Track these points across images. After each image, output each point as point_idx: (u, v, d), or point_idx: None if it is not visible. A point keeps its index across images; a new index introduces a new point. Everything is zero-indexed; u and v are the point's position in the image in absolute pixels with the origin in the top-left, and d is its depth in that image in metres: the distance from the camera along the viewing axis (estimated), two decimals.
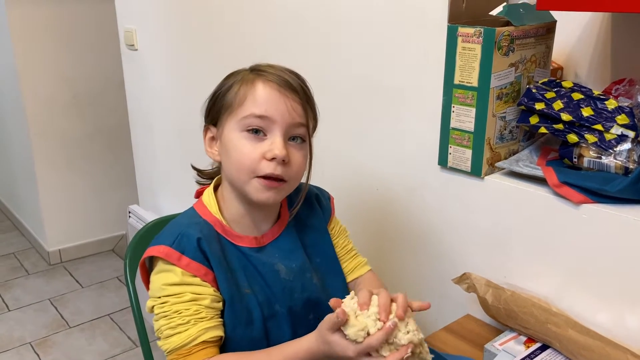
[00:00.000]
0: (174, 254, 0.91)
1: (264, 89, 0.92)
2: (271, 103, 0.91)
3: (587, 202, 0.98)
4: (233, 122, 0.93)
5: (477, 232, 1.19)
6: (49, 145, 3.03)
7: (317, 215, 1.09)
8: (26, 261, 3.20)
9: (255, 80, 0.93)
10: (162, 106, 2.24)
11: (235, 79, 0.95)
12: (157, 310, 0.92)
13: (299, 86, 0.94)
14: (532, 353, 1.01)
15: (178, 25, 2.02)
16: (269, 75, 0.93)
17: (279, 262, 0.99)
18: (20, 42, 2.85)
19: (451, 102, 1.13)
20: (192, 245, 0.91)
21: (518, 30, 1.06)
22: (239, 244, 0.97)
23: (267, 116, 0.91)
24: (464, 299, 1.23)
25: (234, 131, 0.93)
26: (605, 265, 0.98)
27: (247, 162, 0.91)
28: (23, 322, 2.62)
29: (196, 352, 0.89)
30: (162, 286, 0.91)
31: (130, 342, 2.48)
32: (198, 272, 0.91)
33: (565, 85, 1.08)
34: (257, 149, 0.91)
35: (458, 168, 1.17)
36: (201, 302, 0.90)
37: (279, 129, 0.91)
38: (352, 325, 0.80)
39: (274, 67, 0.96)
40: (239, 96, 0.92)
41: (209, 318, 0.90)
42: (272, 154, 0.90)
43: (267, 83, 0.92)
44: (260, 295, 0.96)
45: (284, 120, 0.91)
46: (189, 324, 0.89)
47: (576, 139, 1.02)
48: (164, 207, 2.40)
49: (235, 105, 0.93)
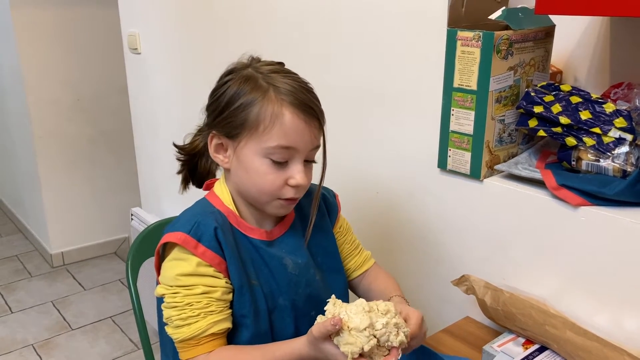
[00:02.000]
0: (191, 242, 0.92)
1: (292, 120, 0.91)
2: (298, 134, 0.92)
3: (585, 204, 0.98)
4: (256, 146, 0.92)
5: (476, 235, 1.20)
6: (53, 148, 3.05)
7: (322, 214, 1.10)
8: (29, 264, 3.21)
9: (282, 107, 0.91)
10: (165, 109, 2.25)
11: (255, 96, 0.92)
12: (168, 299, 0.93)
13: (318, 110, 0.95)
14: (530, 354, 1.01)
15: (181, 29, 2.03)
16: (296, 104, 0.91)
17: (287, 256, 1.02)
18: (25, 46, 2.87)
19: (450, 105, 1.14)
20: (209, 234, 0.93)
21: (517, 34, 1.07)
22: (251, 236, 1.00)
23: (294, 147, 0.92)
24: (463, 301, 1.24)
25: (256, 155, 0.93)
26: (603, 267, 0.98)
27: (270, 187, 0.94)
28: (26, 324, 2.63)
29: (204, 343, 0.92)
30: (175, 276, 0.92)
31: (132, 345, 2.49)
32: (213, 261, 0.93)
33: (564, 88, 1.08)
34: (280, 177, 0.93)
35: (457, 171, 1.18)
36: (212, 294, 0.92)
37: (301, 157, 0.94)
38: (347, 343, 0.80)
39: (292, 84, 0.93)
40: (265, 122, 0.91)
41: (218, 311, 0.93)
42: (296, 182, 0.93)
43: (295, 113, 0.91)
44: (266, 287, 0.98)
45: (306, 148, 0.94)
46: (199, 317, 0.91)
47: (574, 142, 1.02)
48: (167, 210, 2.41)
49: (260, 130, 0.91)
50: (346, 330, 0.80)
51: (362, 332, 0.80)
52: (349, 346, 0.80)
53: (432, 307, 1.35)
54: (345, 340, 0.80)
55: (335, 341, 0.81)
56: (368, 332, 0.80)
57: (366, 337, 0.80)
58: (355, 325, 0.80)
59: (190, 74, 2.05)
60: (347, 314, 0.82)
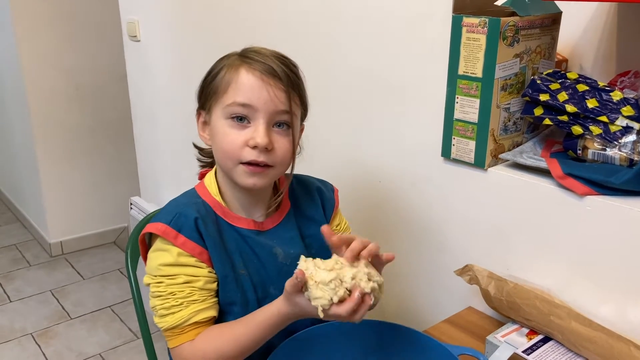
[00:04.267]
0: (171, 232, 0.93)
1: (246, 77, 0.92)
2: (254, 91, 0.92)
3: (591, 194, 0.97)
4: (219, 109, 0.94)
5: (480, 224, 1.19)
6: (51, 137, 3.03)
7: (317, 207, 1.09)
8: (28, 253, 3.20)
9: (239, 68, 0.93)
10: (165, 98, 2.23)
11: (224, 63, 0.96)
12: (152, 289, 0.94)
13: (282, 73, 0.93)
14: (534, 345, 1.01)
15: (181, 17, 2.01)
16: (254, 63, 0.93)
17: (277, 246, 1.01)
18: (23, 34, 2.84)
19: (455, 93, 1.12)
20: (189, 225, 0.93)
21: (523, 20, 1.05)
22: (238, 225, 0.99)
23: (250, 104, 0.92)
24: (466, 291, 1.23)
25: (220, 118, 0.94)
26: (609, 257, 0.97)
27: (231, 149, 0.93)
28: (24, 313, 2.63)
29: (188, 331, 0.93)
30: (158, 266, 0.93)
31: (131, 334, 2.49)
32: (193, 251, 0.93)
33: (570, 76, 1.07)
34: (240, 137, 0.93)
35: (461, 160, 1.16)
36: (194, 284, 0.93)
37: (262, 117, 0.93)
38: (315, 297, 0.82)
39: (262, 53, 0.95)
40: (223, 82, 0.94)
41: (201, 300, 0.93)
42: (254, 142, 0.92)
43: (250, 71, 0.92)
44: (255, 276, 0.99)
45: (267, 108, 0.92)
46: (181, 306, 0.92)
47: (581, 130, 1.01)
48: (166, 198, 2.38)
49: (220, 92, 0.94)
50: (313, 284, 0.82)
51: (328, 285, 0.81)
52: (317, 300, 0.82)
53: (434, 297, 1.34)
54: (314, 295, 0.82)
55: (306, 296, 0.83)
56: (334, 284, 0.82)
57: (332, 290, 0.81)
58: (321, 279, 0.82)
59: (190, 61, 2.03)
60: (315, 268, 0.83)
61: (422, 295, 1.38)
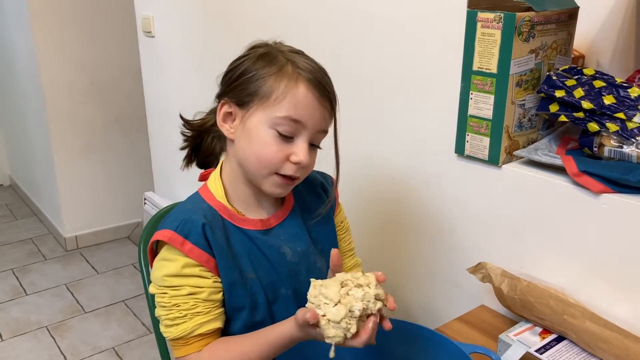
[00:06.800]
0: (178, 239, 0.91)
1: (305, 96, 0.90)
2: (309, 110, 0.91)
3: (607, 191, 0.96)
4: (264, 116, 0.91)
5: (493, 221, 1.17)
6: (67, 132, 3.06)
7: (322, 202, 1.09)
8: (43, 247, 3.24)
9: (297, 81, 0.91)
10: (179, 93, 2.24)
11: (272, 69, 0.91)
12: (157, 299, 0.94)
13: (332, 92, 0.94)
14: (547, 344, 0.99)
15: (195, 12, 2.01)
16: (313, 80, 0.91)
17: (284, 244, 1.00)
18: (40, 30, 2.87)
19: (469, 88, 1.11)
20: (196, 231, 0.92)
21: (539, 15, 1.04)
22: (245, 227, 0.98)
23: (302, 122, 0.91)
24: (479, 289, 1.22)
25: (263, 124, 0.91)
26: (624, 256, 0.96)
27: (272, 160, 0.92)
28: (40, 307, 2.66)
29: (192, 343, 0.93)
30: (162, 277, 0.92)
31: (144, 328, 2.50)
32: (200, 258, 0.92)
33: (587, 72, 1.05)
34: (283, 151, 0.92)
35: (475, 156, 1.15)
36: (198, 295, 0.92)
37: (307, 135, 0.92)
38: (329, 336, 0.80)
39: (311, 65, 0.93)
40: (278, 92, 0.90)
41: (205, 312, 0.93)
42: (297, 159, 0.92)
43: (310, 89, 0.91)
44: (265, 279, 0.98)
45: (314, 128, 0.93)
46: (185, 318, 0.92)
47: (597, 127, 0.99)
48: (180, 194, 2.40)
49: (271, 100, 0.90)
50: (325, 322, 0.80)
51: (339, 324, 0.80)
52: (331, 339, 0.80)
53: (447, 295, 1.33)
54: (326, 334, 0.80)
55: (319, 331, 0.82)
56: (345, 322, 0.80)
57: (343, 328, 0.80)
58: (332, 317, 0.80)
59: (204, 57, 2.03)
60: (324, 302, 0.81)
61: (435, 293, 1.37)
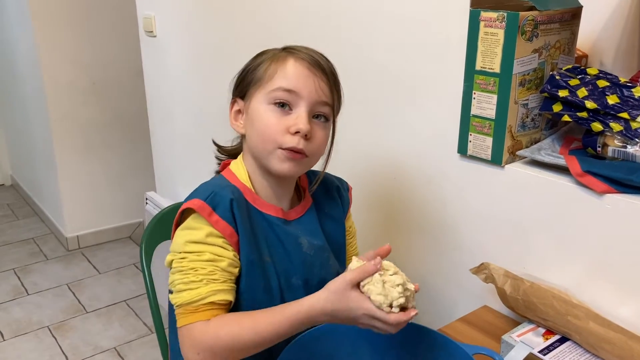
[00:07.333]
0: (207, 208, 0.92)
1: (294, 65, 0.95)
2: (300, 79, 0.94)
3: (610, 192, 0.95)
4: (261, 95, 0.96)
5: (496, 222, 1.17)
6: (69, 132, 3.06)
7: (336, 206, 1.11)
8: (45, 246, 3.23)
9: (286, 57, 0.96)
10: (180, 93, 2.24)
11: (267, 57, 0.98)
12: (174, 264, 0.93)
13: (328, 68, 0.97)
14: (550, 345, 0.99)
15: (197, 12, 2.01)
16: (301, 54, 0.96)
17: (302, 236, 1.02)
18: (41, 29, 2.86)
19: (472, 88, 1.11)
20: (224, 205, 0.93)
21: (542, 15, 1.03)
22: (267, 212, 1.00)
23: (295, 91, 0.94)
24: (482, 290, 1.21)
25: (261, 103, 0.96)
26: (628, 256, 0.95)
27: (272, 133, 0.94)
28: (41, 306, 2.65)
29: (202, 310, 0.91)
30: (185, 242, 0.93)
31: (146, 328, 2.50)
32: (225, 231, 0.93)
33: (590, 72, 1.05)
34: (282, 122, 0.94)
35: (478, 156, 1.15)
36: (218, 263, 0.92)
37: (305, 105, 0.94)
38: (379, 294, 0.80)
39: (306, 48, 0.99)
40: (269, 71, 0.96)
41: (221, 281, 0.92)
42: (296, 128, 0.93)
43: (298, 60, 0.95)
44: (279, 265, 0.99)
45: (311, 97, 0.95)
46: (201, 283, 0.91)
47: (601, 127, 0.99)
48: (181, 194, 2.40)
49: (265, 80, 0.96)
50: (380, 282, 0.81)
51: (395, 288, 0.81)
52: (381, 297, 0.80)
53: (449, 295, 1.33)
54: (379, 291, 0.80)
55: (364, 289, 0.82)
56: (401, 288, 0.81)
57: (399, 293, 0.80)
58: (391, 280, 0.81)
59: (205, 56, 2.03)
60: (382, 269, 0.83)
61: (437, 294, 1.36)
